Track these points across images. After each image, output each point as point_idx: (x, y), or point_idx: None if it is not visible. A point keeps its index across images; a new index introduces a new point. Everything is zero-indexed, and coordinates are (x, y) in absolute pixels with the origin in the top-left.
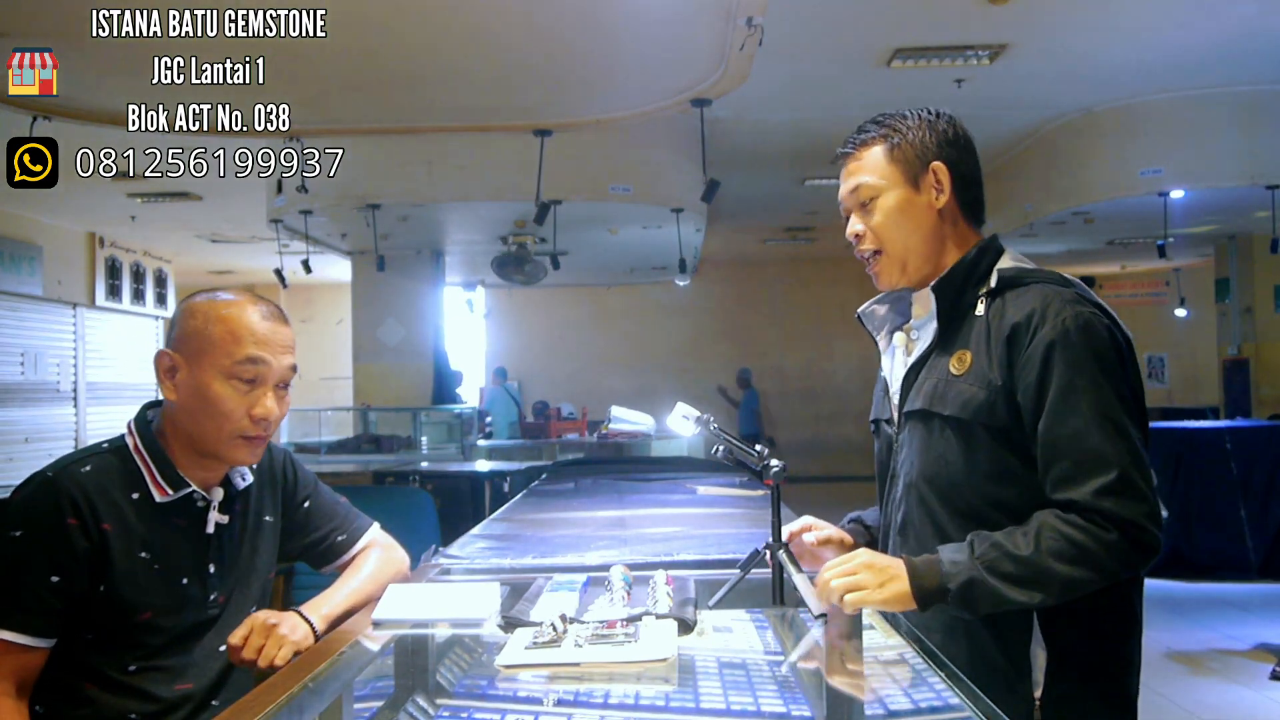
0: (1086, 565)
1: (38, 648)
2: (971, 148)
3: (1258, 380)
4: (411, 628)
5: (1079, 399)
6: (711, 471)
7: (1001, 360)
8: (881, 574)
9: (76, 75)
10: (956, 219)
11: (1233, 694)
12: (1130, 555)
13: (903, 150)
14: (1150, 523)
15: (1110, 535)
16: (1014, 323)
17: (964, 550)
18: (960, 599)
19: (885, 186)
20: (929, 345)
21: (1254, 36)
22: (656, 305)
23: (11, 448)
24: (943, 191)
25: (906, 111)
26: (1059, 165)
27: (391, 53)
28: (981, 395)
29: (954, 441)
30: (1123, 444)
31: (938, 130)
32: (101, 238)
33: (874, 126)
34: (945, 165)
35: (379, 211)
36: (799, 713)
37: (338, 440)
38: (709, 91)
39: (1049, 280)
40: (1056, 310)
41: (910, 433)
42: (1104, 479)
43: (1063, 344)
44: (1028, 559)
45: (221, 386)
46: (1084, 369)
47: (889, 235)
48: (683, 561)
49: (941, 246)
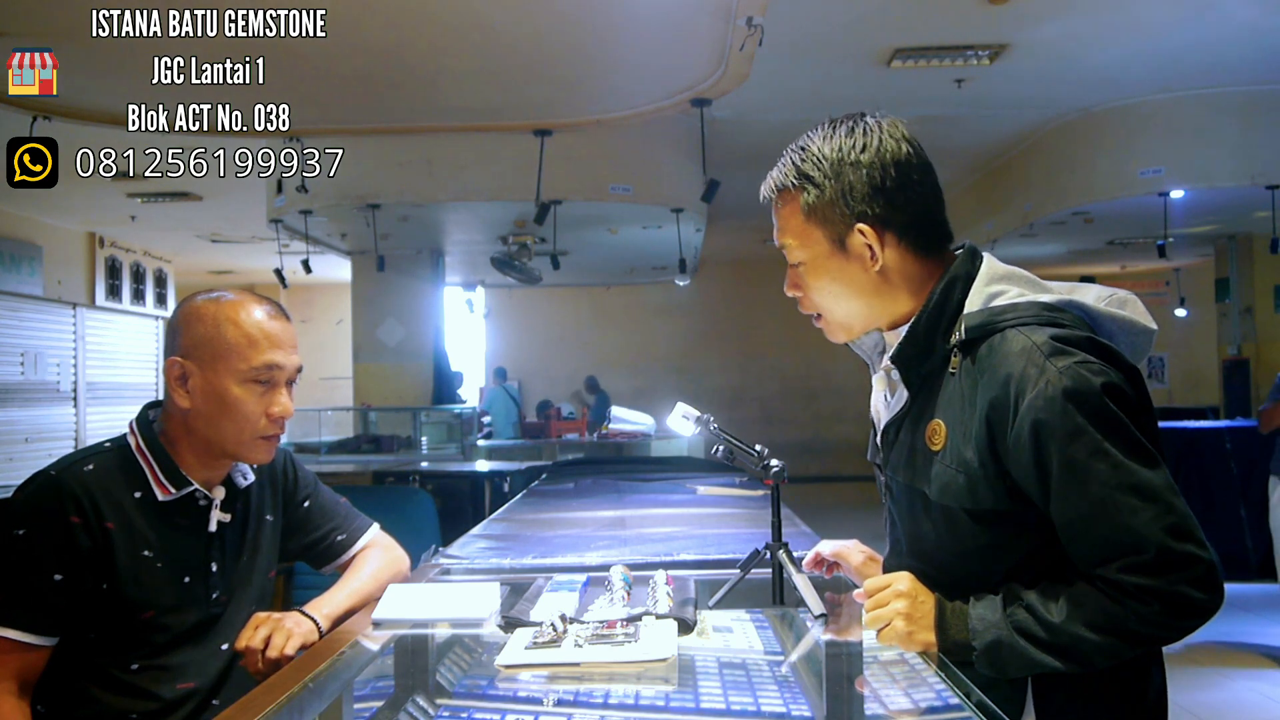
0: (1123, 636)
1: (40, 646)
2: (909, 174)
3: (1258, 380)
4: (411, 628)
5: (1085, 478)
6: (711, 471)
7: (979, 440)
8: (912, 610)
9: (76, 75)
10: (905, 265)
11: (1233, 694)
12: (1175, 624)
13: (821, 211)
14: (1196, 588)
15: (1150, 608)
16: (990, 398)
17: (995, 607)
18: (987, 659)
19: (809, 254)
20: (903, 407)
21: (1254, 36)
22: (656, 305)
23: (11, 448)
24: (876, 255)
25: (826, 142)
26: (1059, 165)
27: (391, 53)
28: (960, 480)
29: (940, 521)
30: (1149, 510)
31: (861, 176)
32: (101, 238)
33: (790, 169)
34: (872, 226)
35: (379, 211)
36: (799, 713)
37: (338, 440)
38: (709, 91)
39: (1024, 320)
40: (1036, 374)
41: (899, 500)
42: (1137, 559)
43: (1050, 418)
44: (1059, 626)
45: (240, 390)
46: (1082, 440)
47: (824, 304)
48: (683, 561)
49: (893, 297)
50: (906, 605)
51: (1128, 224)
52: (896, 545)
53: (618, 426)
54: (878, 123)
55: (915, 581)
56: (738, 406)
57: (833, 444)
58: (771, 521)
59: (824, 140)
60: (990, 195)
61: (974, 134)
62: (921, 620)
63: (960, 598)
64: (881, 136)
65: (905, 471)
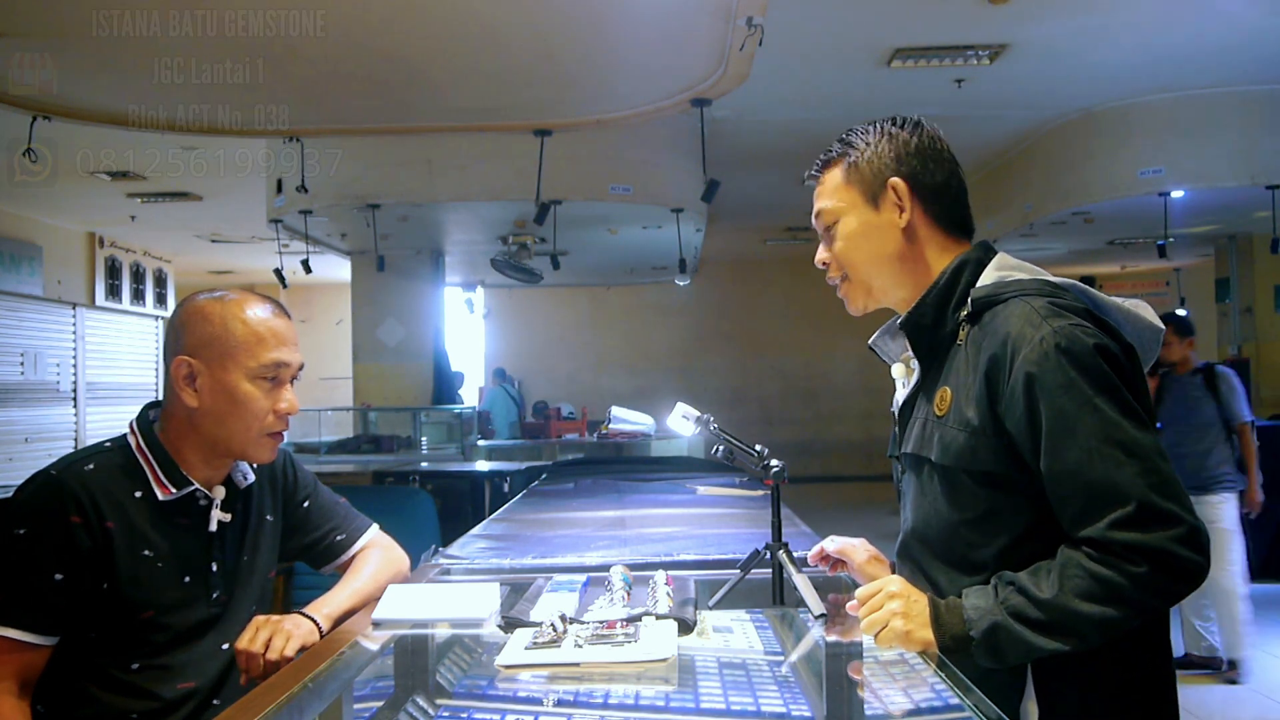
0: (1117, 603)
1: (41, 645)
2: (940, 155)
3: (1258, 380)
4: (411, 628)
5: (1074, 428)
6: (711, 471)
7: (980, 398)
8: (908, 609)
9: (76, 75)
10: (928, 233)
11: (1232, 693)
12: (1166, 585)
13: (859, 170)
14: (1183, 546)
15: (1139, 569)
16: (989, 355)
17: (987, 595)
18: (986, 648)
19: (843, 209)
20: (915, 383)
21: (1254, 36)
22: (656, 305)
23: (11, 448)
24: (904, 209)
25: (870, 125)
26: (1059, 165)
27: (391, 52)
28: (961, 438)
29: (941, 489)
30: (1134, 466)
31: (897, 143)
32: (101, 238)
33: (837, 145)
34: (904, 180)
35: (379, 211)
36: (799, 713)
37: (338, 440)
38: (709, 91)
39: (1026, 291)
40: (1032, 332)
41: (908, 479)
42: (1121, 512)
43: (1042, 370)
44: (1051, 602)
45: (250, 387)
46: (1072, 392)
47: (851, 260)
48: (683, 561)
49: (914, 265)
50: (900, 605)
51: (1128, 224)
52: (904, 525)
53: (618, 426)
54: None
55: (906, 583)
56: (738, 406)
57: (833, 444)
58: (771, 521)
59: (868, 124)
60: (990, 195)
61: (974, 134)
62: (917, 618)
63: (959, 572)
64: (919, 123)
65: (913, 442)
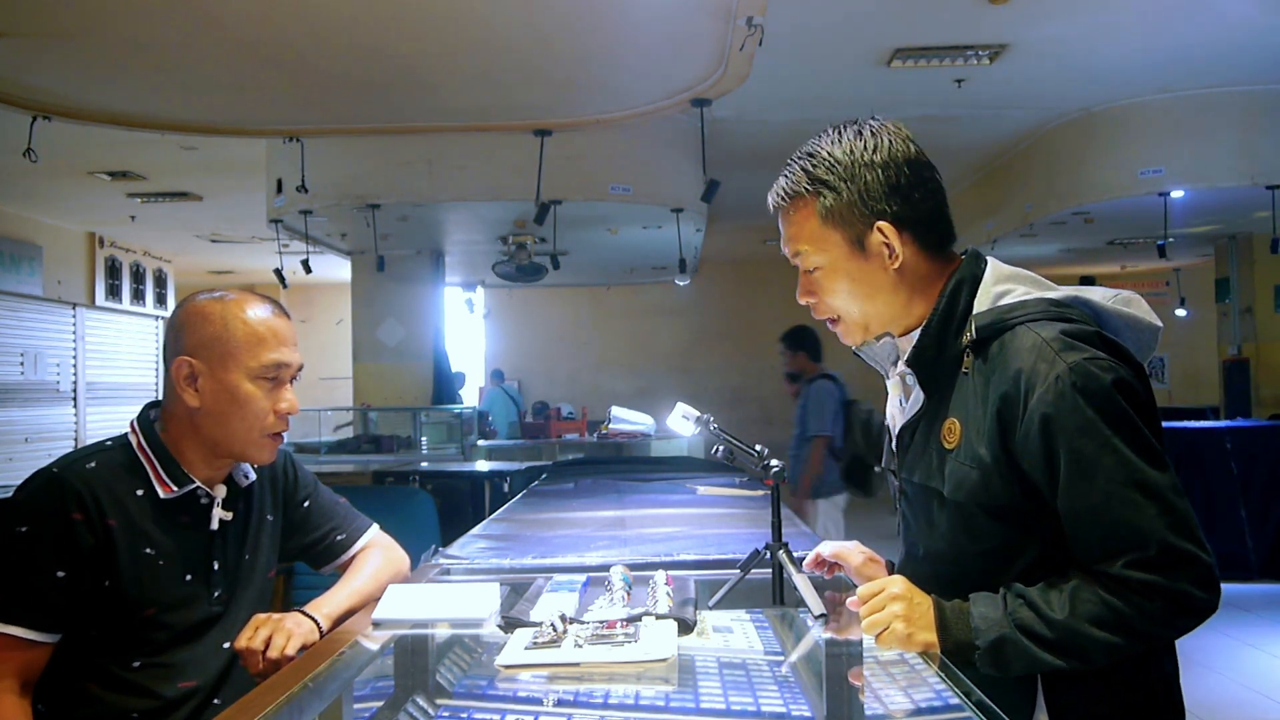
0: (1127, 633)
1: (42, 643)
2: (921, 175)
3: (1258, 380)
4: (411, 628)
5: (1093, 471)
6: (711, 471)
7: (992, 436)
8: (910, 611)
9: (76, 75)
10: (920, 263)
11: (1232, 694)
12: (1176, 620)
13: (839, 213)
14: (1198, 587)
15: (1153, 605)
16: (1001, 393)
17: (996, 605)
18: (990, 658)
19: (827, 258)
20: (919, 410)
21: (1254, 36)
22: (656, 305)
23: (11, 448)
24: (894, 251)
25: (838, 149)
26: (1059, 165)
27: (391, 53)
28: (974, 475)
29: (953, 522)
30: (1154, 507)
31: (877, 174)
32: (101, 238)
33: (801, 175)
34: (892, 223)
35: (379, 211)
36: (799, 713)
37: (338, 440)
38: (709, 91)
39: (1032, 316)
40: (1046, 369)
41: (915, 507)
42: (1141, 554)
43: (1059, 411)
44: (1062, 623)
45: (251, 387)
46: (1091, 434)
47: (843, 307)
48: (683, 561)
49: (909, 295)
50: (903, 608)
51: (1128, 224)
52: (911, 549)
53: (618, 426)
54: (882, 125)
55: (909, 584)
56: (738, 406)
57: None
58: (771, 521)
59: (833, 144)
60: (990, 195)
61: (974, 134)
62: (919, 621)
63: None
64: (889, 137)
65: (920, 472)
